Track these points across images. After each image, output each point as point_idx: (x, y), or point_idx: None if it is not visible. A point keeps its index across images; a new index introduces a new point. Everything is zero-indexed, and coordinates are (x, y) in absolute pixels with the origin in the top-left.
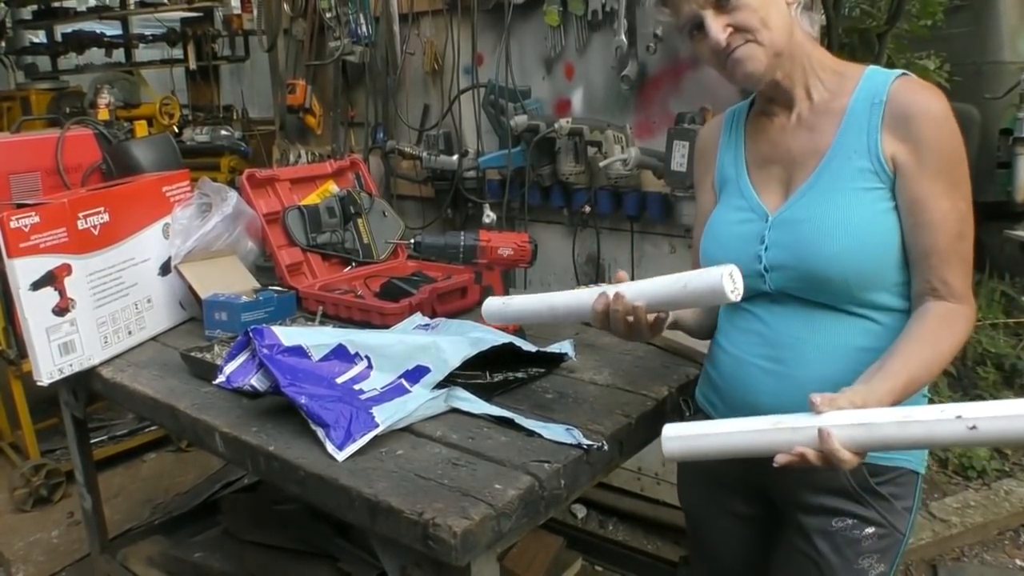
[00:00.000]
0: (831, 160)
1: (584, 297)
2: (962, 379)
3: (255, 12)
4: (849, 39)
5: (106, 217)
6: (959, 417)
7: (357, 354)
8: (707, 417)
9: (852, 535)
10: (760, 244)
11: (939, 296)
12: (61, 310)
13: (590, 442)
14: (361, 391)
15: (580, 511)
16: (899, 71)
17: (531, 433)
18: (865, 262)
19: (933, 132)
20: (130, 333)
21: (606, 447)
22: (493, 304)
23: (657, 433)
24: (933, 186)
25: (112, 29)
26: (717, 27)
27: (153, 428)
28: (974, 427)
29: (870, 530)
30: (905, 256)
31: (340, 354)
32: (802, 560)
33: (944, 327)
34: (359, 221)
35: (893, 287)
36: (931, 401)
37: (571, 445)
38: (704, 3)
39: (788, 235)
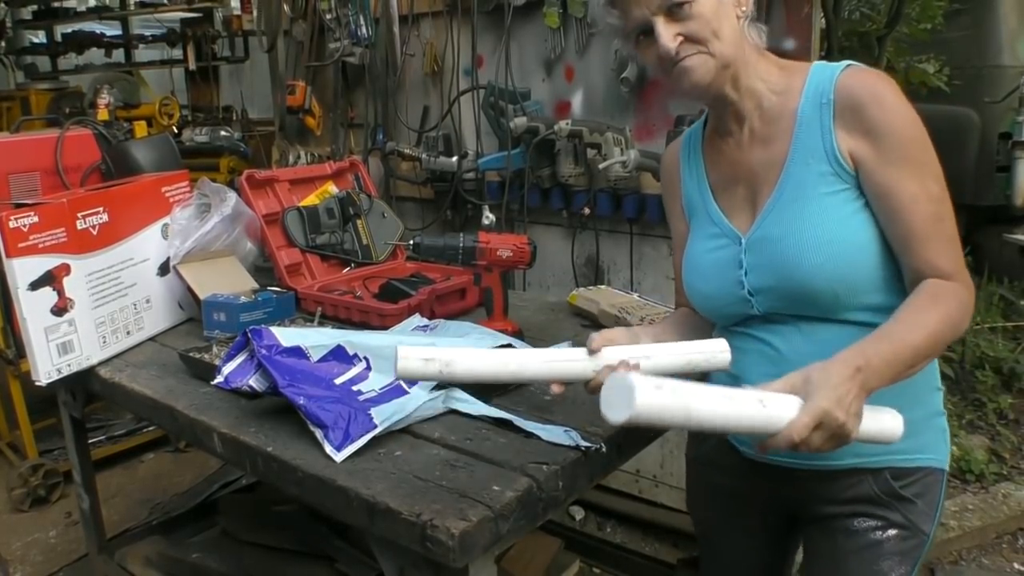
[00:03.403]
0: (790, 170)
1: (569, 365)
2: (960, 383)
3: (255, 13)
4: (849, 42)
5: (105, 217)
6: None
7: (356, 355)
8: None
9: (874, 536)
10: (739, 269)
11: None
12: (59, 310)
13: (588, 444)
14: (360, 392)
15: (578, 513)
16: (844, 63)
17: (529, 435)
18: (847, 268)
19: (885, 117)
20: (128, 333)
21: (604, 449)
22: (411, 363)
23: (655, 436)
24: (897, 172)
25: (112, 29)
26: (668, 35)
27: (151, 428)
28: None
29: (893, 532)
30: (888, 250)
31: (339, 355)
32: (822, 560)
33: (929, 301)
34: (358, 222)
35: (884, 285)
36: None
37: (569, 447)
38: (656, 9)
39: (764, 256)
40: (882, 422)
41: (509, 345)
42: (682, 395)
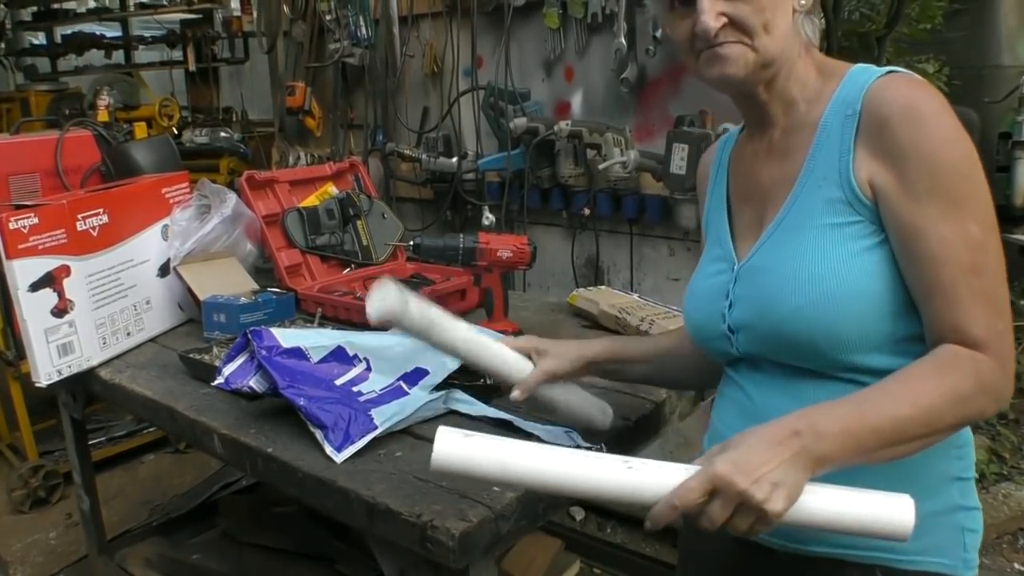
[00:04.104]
0: (799, 191)
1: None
2: None
3: (255, 14)
4: (848, 42)
5: (105, 218)
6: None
7: (356, 356)
8: None
9: None
10: (725, 300)
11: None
12: (60, 311)
13: (589, 444)
14: (360, 393)
15: (579, 513)
16: (886, 69)
17: (529, 435)
18: (834, 316)
19: (915, 137)
20: (129, 334)
21: (604, 449)
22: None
23: (655, 435)
24: (926, 208)
25: (112, 31)
26: (712, 12)
27: (151, 429)
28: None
29: None
30: (907, 305)
31: (339, 356)
32: None
33: (933, 368)
34: (358, 223)
35: (891, 345)
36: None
37: (570, 447)
38: None
39: (750, 288)
40: (865, 509)
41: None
42: (495, 449)
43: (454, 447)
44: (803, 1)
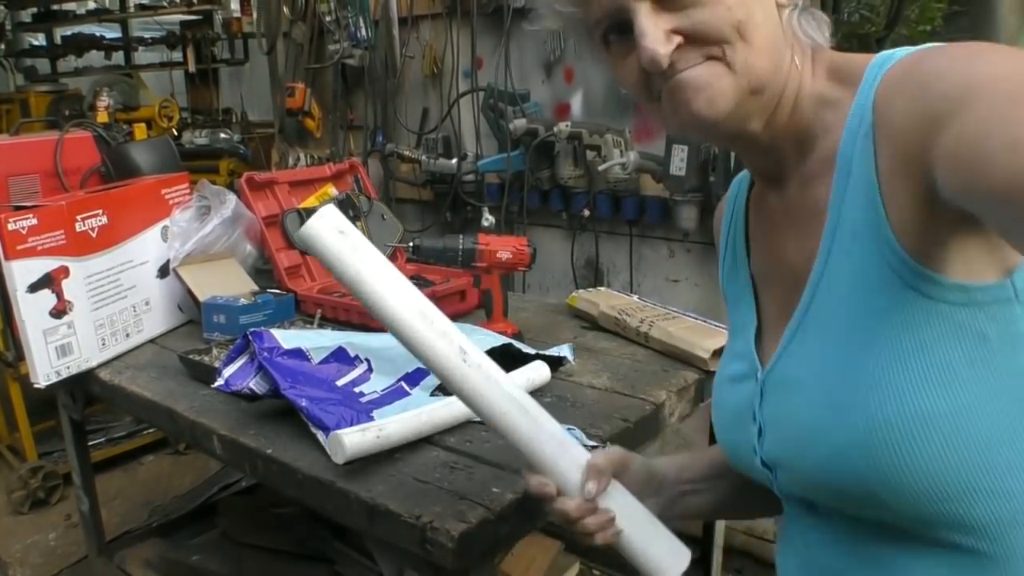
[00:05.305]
0: (824, 266)
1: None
2: None
3: (255, 15)
4: (848, 44)
5: (105, 219)
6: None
7: (357, 357)
8: None
9: None
10: (752, 424)
11: None
12: (58, 312)
13: (592, 444)
14: (361, 394)
15: None
16: (905, 49)
17: None
18: (890, 458)
19: (945, 87)
20: (128, 335)
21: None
22: None
23: (654, 436)
24: (980, 126)
25: (111, 32)
26: (656, 33)
27: (151, 430)
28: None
29: None
30: (1008, 410)
31: (340, 357)
32: None
33: None
34: (358, 224)
35: (998, 478)
36: None
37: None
38: None
39: (779, 412)
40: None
41: (509, 345)
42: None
43: (330, 236)
44: None
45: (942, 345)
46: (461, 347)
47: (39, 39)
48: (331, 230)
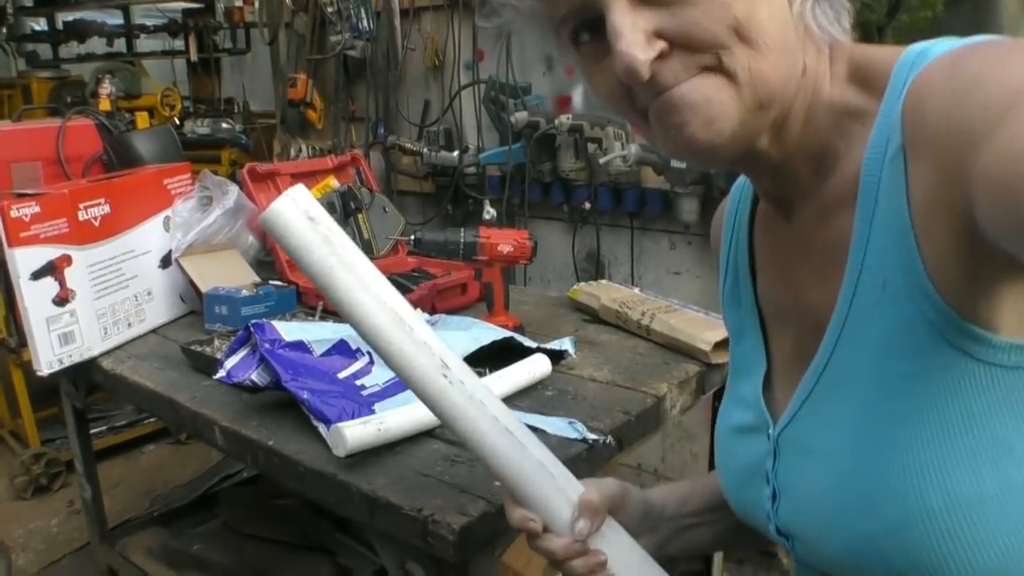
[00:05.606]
0: (845, 314)
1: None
2: None
3: (256, 5)
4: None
5: (107, 208)
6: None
7: (359, 349)
8: None
9: None
10: (766, 486)
11: None
12: (61, 300)
13: (595, 437)
14: (363, 387)
15: None
16: (938, 46)
17: (532, 429)
18: (929, 545)
19: (985, 100)
20: (130, 325)
21: (611, 441)
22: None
23: (656, 429)
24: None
25: (113, 18)
26: (635, 33)
27: (152, 420)
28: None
29: None
30: None
31: (342, 349)
32: None
33: None
34: (359, 217)
35: None
36: None
37: (574, 440)
38: None
39: (797, 482)
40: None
41: (511, 338)
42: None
43: (297, 221)
44: None
45: (995, 417)
46: (443, 360)
47: (40, 24)
48: (299, 215)
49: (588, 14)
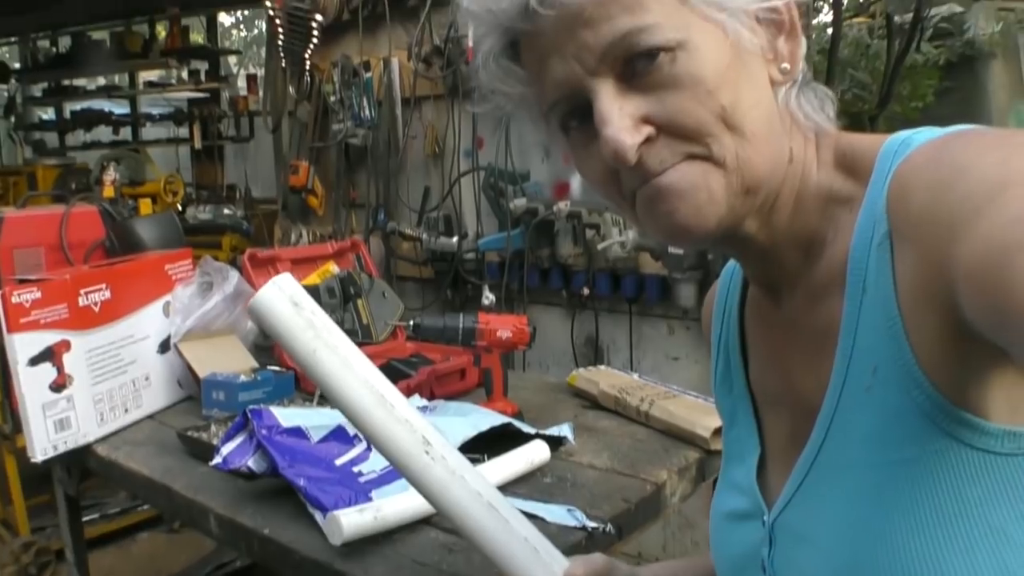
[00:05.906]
0: (836, 400)
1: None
2: None
3: (261, 94)
4: (841, 122)
5: (108, 294)
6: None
7: (356, 435)
8: None
9: None
10: (762, 574)
11: None
12: (58, 386)
13: (595, 524)
14: (360, 473)
15: None
16: (920, 135)
17: (531, 517)
18: None
19: (967, 188)
20: (127, 411)
21: (611, 529)
22: None
23: (656, 517)
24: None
25: (120, 108)
26: (623, 118)
27: (146, 507)
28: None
29: None
30: None
31: (339, 435)
32: None
33: None
34: (359, 302)
35: None
36: None
37: (574, 528)
38: (598, 62)
39: (794, 568)
40: None
41: (509, 424)
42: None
43: (283, 308)
44: (784, 65)
45: (990, 504)
46: (424, 437)
47: (49, 113)
48: (284, 301)
49: (576, 100)
